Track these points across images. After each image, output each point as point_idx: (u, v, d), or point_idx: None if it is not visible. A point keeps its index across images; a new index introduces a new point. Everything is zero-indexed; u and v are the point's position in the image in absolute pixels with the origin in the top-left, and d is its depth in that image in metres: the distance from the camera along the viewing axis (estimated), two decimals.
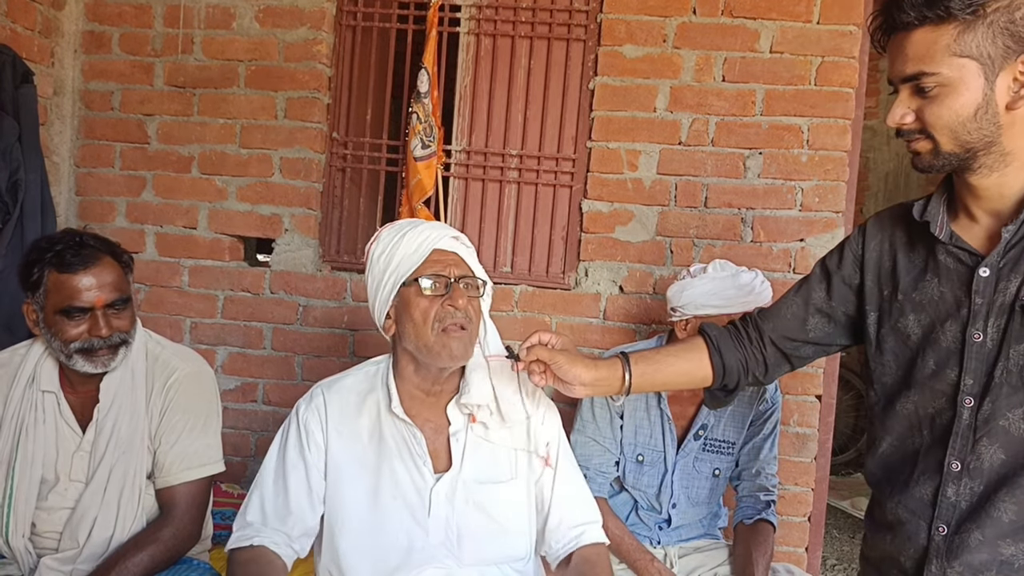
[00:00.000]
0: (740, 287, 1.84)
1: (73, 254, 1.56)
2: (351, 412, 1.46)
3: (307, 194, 2.63)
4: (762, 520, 1.93)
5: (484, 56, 2.59)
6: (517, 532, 1.45)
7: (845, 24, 2.38)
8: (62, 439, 1.63)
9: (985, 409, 1.10)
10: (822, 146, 2.40)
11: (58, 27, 2.62)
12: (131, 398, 1.65)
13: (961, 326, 1.13)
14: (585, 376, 1.31)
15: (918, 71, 1.07)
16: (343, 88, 2.66)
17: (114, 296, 1.59)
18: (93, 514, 1.59)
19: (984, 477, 1.10)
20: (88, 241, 1.61)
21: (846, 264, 1.31)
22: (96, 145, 2.70)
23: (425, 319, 1.39)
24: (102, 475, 1.61)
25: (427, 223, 1.50)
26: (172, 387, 1.68)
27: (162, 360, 1.71)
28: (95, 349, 1.58)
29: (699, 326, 1.41)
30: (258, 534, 1.39)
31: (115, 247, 1.66)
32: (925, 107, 1.08)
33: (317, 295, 2.63)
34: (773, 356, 1.38)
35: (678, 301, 1.91)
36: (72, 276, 1.55)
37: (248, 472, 2.63)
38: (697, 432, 1.97)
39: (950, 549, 1.12)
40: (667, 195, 2.48)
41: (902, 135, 1.13)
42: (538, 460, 1.49)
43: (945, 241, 1.16)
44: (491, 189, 2.61)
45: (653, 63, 2.46)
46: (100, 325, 1.57)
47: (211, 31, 2.63)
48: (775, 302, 1.42)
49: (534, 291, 2.54)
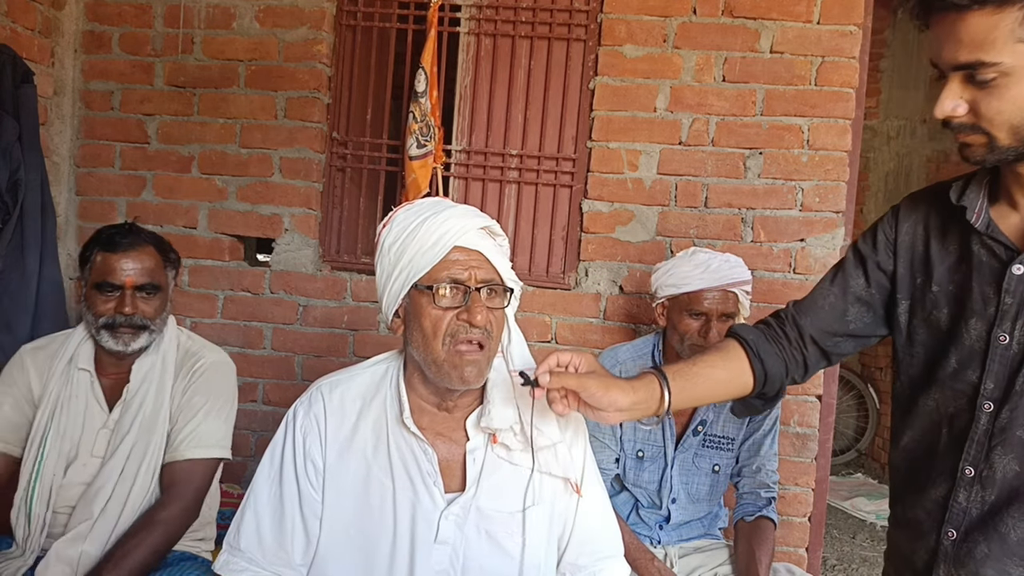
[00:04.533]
0: (696, 265, 1.93)
1: (121, 237, 1.71)
2: (352, 418, 1.29)
3: (307, 194, 2.63)
4: (763, 517, 1.93)
5: (484, 56, 2.59)
6: (531, 565, 1.27)
7: (845, 24, 2.37)
8: (90, 416, 1.72)
9: (1004, 417, 1.03)
10: (822, 146, 2.40)
11: (58, 27, 2.62)
12: (159, 382, 1.75)
13: (987, 325, 1.05)
14: (623, 401, 1.13)
15: (975, 60, 0.94)
16: (343, 88, 2.66)
17: (144, 280, 1.71)
18: (109, 488, 1.66)
19: (996, 487, 1.04)
20: (139, 231, 1.76)
21: (880, 248, 1.21)
22: (96, 145, 2.70)
23: (436, 332, 1.20)
24: (123, 452, 1.68)
25: (452, 208, 1.26)
26: (197, 371, 1.78)
27: (192, 351, 1.82)
28: (117, 326, 1.69)
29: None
30: (251, 565, 1.26)
31: (164, 242, 1.81)
32: (981, 99, 0.96)
33: (317, 295, 2.63)
34: (814, 355, 1.27)
35: (653, 287, 2.05)
36: (112, 255, 1.69)
37: (248, 472, 2.62)
38: (696, 428, 1.97)
39: (957, 556, 1.08)
40: (667, 195, 2.47)
41: (951, 127, 1.01)
42: (567, 487, 1.31)
43: (981, 231, 1.06)
44: (491, 189, 2.61)
45: (653, 63, 2.46)
46: (126, 303, 1.68)
47: (211, 31, 2.63)
48: (809, 293, 1.29)
49: (534, 291, 2.54)
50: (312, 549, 1.28)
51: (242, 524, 1.29)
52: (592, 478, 1.35)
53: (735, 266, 1.95)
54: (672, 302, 1.97)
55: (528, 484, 1.27)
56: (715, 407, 1.97)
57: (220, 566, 1.28)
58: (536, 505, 1.28)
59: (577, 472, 1.31)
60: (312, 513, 1.27)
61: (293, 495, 1.27)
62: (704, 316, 1.90)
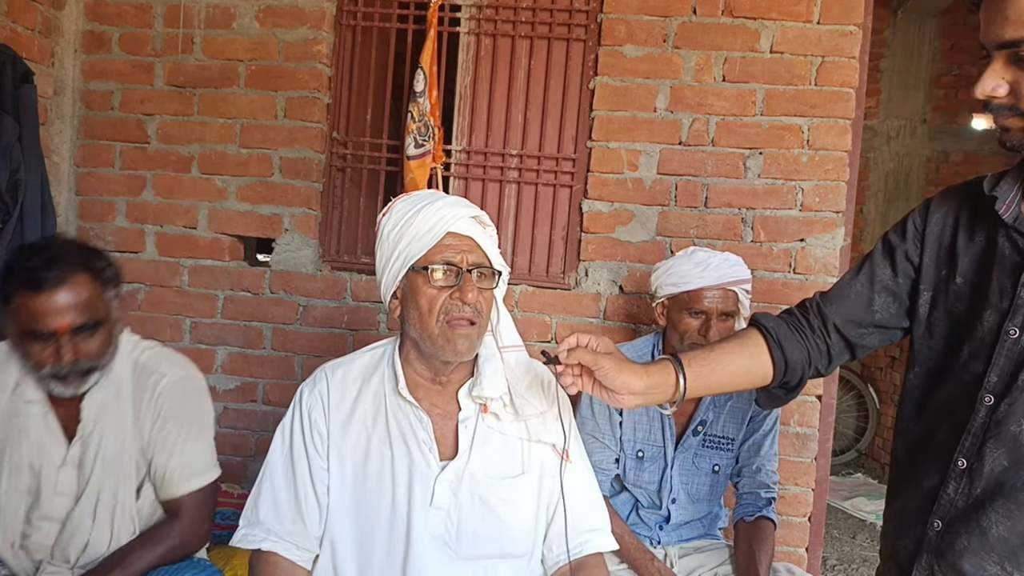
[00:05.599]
0: (695, 263, 1.93)
1: (45, 270, 1.44)
2: (353, 394, 1.40)
3: (307, 194, 2.63)
4: (763, 517, 1.93)
5: (484, 56, 2.59)
6: (521, 531, 1.38)
7: (845, 24, 2.37)
8: (46, 451, 1.56)
9: (1002, 410, 1.03)
10: (822, 146, 2.40)
11: (58, 27, 2.62)
12: (116, 415, 1.58)
13: (1000, 318, 1.05)
14: (636, 384, 1.13)
15: (1020, 37, 0.92)
16: (343, 88, 2.66)
17: (81, 320, 1.47)
18: (86, 532, 1.55)
19: (983, 480, 1.05)
20: (63, 255, 1.48)
21: (908, 238, 1.20)
22: (96, 145, 2.70)
23: (431, 310, 1.31)
24: (92, 492, 1.55)
25: (445, 198, 1.37)
26: (162, 395, 1.61)
27: (149, 367, 1.63)
28: (63, 375, 1.49)
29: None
30: (268, 536, 1.34)
31: (96, 259, 1.54)
32: (1023, 79, 0.95)
33: (317, 295, 2.63)
34: (837, 345, 1.25)
35: (652, 287, 2.04)
36: (36, 297, 1.43)
37: (248, 472, 2.63)
38: (696, 428, 1.97)
39: (939, 548, 1.08)
40: (667, 195, 2.47)
41: (990, 109, 1.00)
42: (554, 454, 1.40)
43: (1008, 222, 1.05)
44: (491, 189, 2.61)
45: (653, 63, 2.46)
46: (65, 351, 1.47)
47: (211, 31, 2.63)
48: (836, 283, 1.28)
49: (534, 291, 2.54)
50: (323, 519, 1.37)
51: (259, 498, 1.38)
52: (577, 452, 1.44)
53: (735, 265, 1.95)
54: (672, 301, 1.97)
55: (518, 451, 1.38)
56: (715, 407, 1.97)
57: (239, 540, 1.36)
58: (526, 472, 1.38)
59: (562, 440, 1.40)
60: (321, 483, 1.37)
61: (304, 469, 1.37)
62: (704, 315, 1.90)
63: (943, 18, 5.62)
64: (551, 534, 1.42)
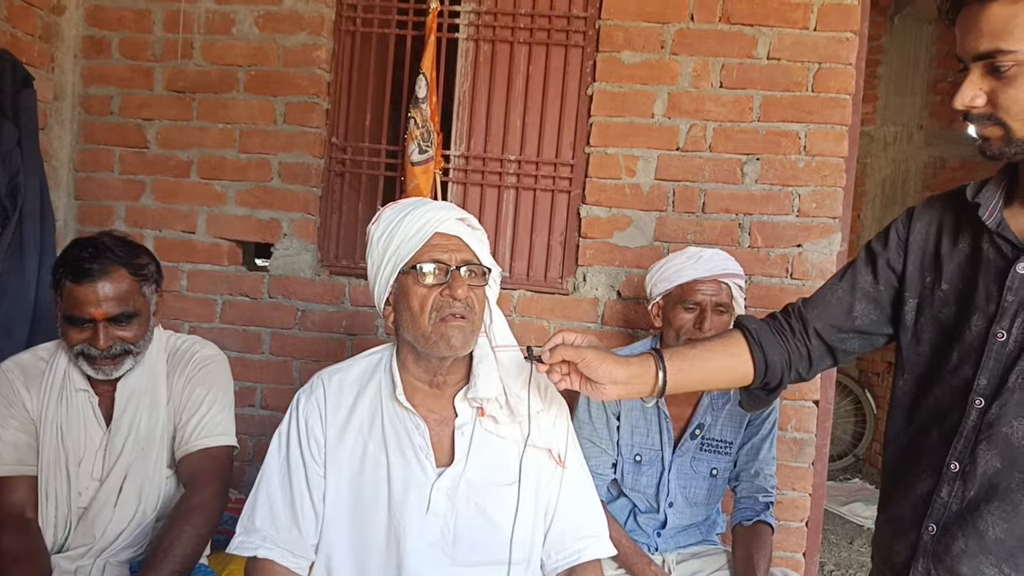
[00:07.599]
0: (688, 257, 1.97)
1: (89, 261, 1.57)
2: (350, 401, 1.40)
3: (306, 199, 2.63)
4: (761, 522, 1.93)
5: (483, 62, 2.60)
6: (518, 538, 1.36)
7: (842, 31, 2.39)
8: (89, 436, 1.68)
9: (992, 412, 1.05)
10: (819, 152, 2.41)
11: (58, 32, 2.63)
12: (151, 397, 1.69)
13: (987, 322, 1.07)
14: (617, 373, 1.18)
15: (994, 48, 0.96)
16: (342, 93, 2.66)
17: (117, 311, 1.59)
18: (108, 512, 1.64)
19: (976, 483, 1.06)
20: (108, 250, 1.60)
21: (891, 246, 1.22)
22: (95, 149, 2.70)
23: (423, 308, 1.32)
24: (118, 474, 1.65)
25: (432, 203, 1.41)
26: (193, 364, 1.74)
27: (182, 349, 1.77)
28: (94, 357, 1.61)
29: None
30: (264, 543, 1.34)
31: (139, 255, 1.67)
32: (999, 89, 0.98)
33: (316, 300, 2.64)
34: (818, 349, 1.28)
35: (647, 289, 2.06)
36: (77, 287, 1.56)
37: (246, 477, 2.62)
38: (694, 431, 1.98)
39: (936, 551, 1.09)
40: (665, 200, 2.48)
41: (970, 119, 1.03)
42: (549, 459, 1.40)
43: (992, 228, 1.08)
44: (489, 194, 2.62)
45: (651, 69, 2.47)
46: (99, 336, 1.58)
47: (211, 36, 2.63)
48: (819, 289, 1.31)
49: (532, 296, 2.54)
50: (319, 527, 1.37)
51: (256, 505, 1.37)
52: (575, 458, 1.44)
53: (727, 259, 1.98)
54: (667, 300, 1.99)
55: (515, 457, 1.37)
56: (713, 410, 1.98)
57: (235, 547, 1.35)
58: (524, 479, 1.37)
59: (560, 445, 1.41)
60: (318, 490, 1.36)
61: (300, 476, 1.37)
62: (698, 307, 1.91)
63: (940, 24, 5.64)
64: (550, 540, 1.42)
